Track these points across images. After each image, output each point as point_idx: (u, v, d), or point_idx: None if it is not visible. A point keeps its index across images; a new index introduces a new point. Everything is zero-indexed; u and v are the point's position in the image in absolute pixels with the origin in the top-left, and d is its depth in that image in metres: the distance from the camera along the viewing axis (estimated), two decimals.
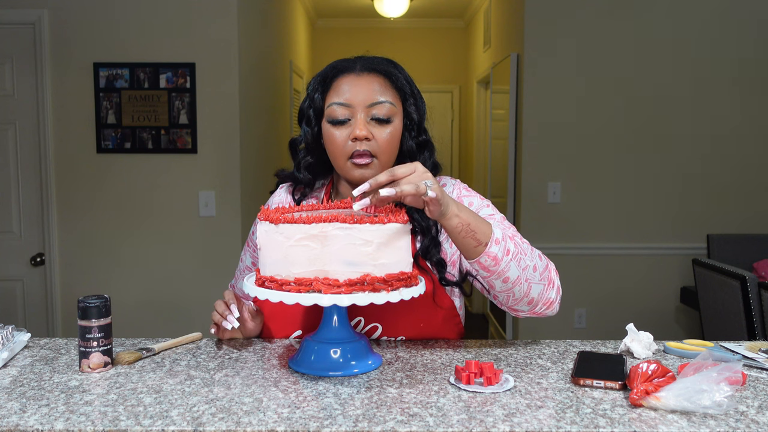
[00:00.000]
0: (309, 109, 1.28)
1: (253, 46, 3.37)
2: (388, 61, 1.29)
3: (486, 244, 1.08)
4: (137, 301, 3.05)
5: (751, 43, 3.76)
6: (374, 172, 1.22)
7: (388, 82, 1.25)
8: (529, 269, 1.14)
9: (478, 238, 1.08)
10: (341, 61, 1.29)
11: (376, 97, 1.22)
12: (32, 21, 2.95)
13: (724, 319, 2.85)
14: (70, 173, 3.03)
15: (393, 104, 1.24)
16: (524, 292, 1.15)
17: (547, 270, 1.18)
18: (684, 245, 3.82)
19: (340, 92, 1.23)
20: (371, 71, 1.25)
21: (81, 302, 1.08)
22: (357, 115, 1.22)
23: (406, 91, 1.27)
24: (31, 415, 0.90)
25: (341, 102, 1.22)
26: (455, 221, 1.07)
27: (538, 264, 1.16)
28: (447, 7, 5.99)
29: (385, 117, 1.22)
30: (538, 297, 1.17)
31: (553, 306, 1.20)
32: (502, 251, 1.10)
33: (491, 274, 1.12)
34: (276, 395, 0.97)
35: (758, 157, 3.81)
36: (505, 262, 1.10)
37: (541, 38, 3.78)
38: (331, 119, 1.23)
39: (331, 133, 1.24)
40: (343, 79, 1.24)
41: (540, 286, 1.16)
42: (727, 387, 0.90)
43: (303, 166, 1.33)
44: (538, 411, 0.91)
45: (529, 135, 3.81)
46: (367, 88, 1.22)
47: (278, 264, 1.01)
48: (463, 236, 1.08)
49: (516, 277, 1.13)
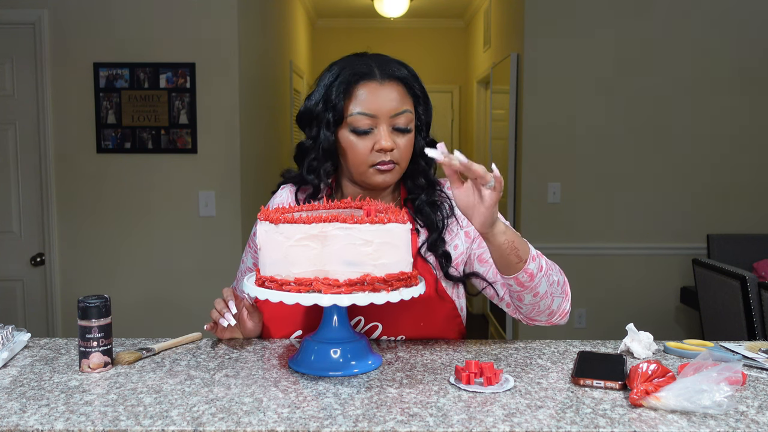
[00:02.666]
0: (327, 113, 1.25)
1: (253, 46, 3.37)
2: (401, 65, 1.28)
3: (526, 261, 1.12)
4: (137, 301, 3.05)
5: (751, 43, 3.76)
6: (395, 176, 1.26)
7: (405, 88, 1.25)
8: (555, 284, 1.19)
9: (520, 255, 1.12)
10: (356, 62, 1.26)
11: (398, 107, 1.23)
12: (32, 21, 2.95)
13: (724, 319, 2.85)
14: (70, 173, 3.03)
15: (411, 112, 1.26)
16: (548, 305, 1.20)
17: (566, 284, 1.23)
18: (684, 245, 3.82)
19: (363, 101, 1.22)
20: (391, 78, 1.24)
21: (81, 302, 1.08)
22: (380, 126, 1.22)
23: (419, 95, 1.28)
24: (31, 415, 0.90)
25: (364, 112, 1.22)
26: (502, 238, 1.10)
27: (560, 279, 1.21)
28: (447, 7, 5.99)
29: (404, 127, 1.24)
30: (557, 309, 1.22)
31: (566, 316, 1.25)
32: (537, 268, 1.14)
33: (525, 290, 1.16)
34: (276, 395, 0.97)
35: (758, 157, 3.81)
36: (538, 278, 1.15)
37: (541, 38, 3.78)
38: (354, 128, 1.23)
39: (354, 142, 1.23)
40: (364, 87, 1.23)
41: (560, 299, 1.21)
42: (727, 387, 0.90)
43: (323, 173, 1.28)
44: (538, 411, 0.91)
45: (529, 135, 3.81)
46: (389, 98, 1.23)
47: (278, 264, 1.01)
48: (507, 253, 1.11)
49: (545, 292, 1.17)
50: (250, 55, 3.29)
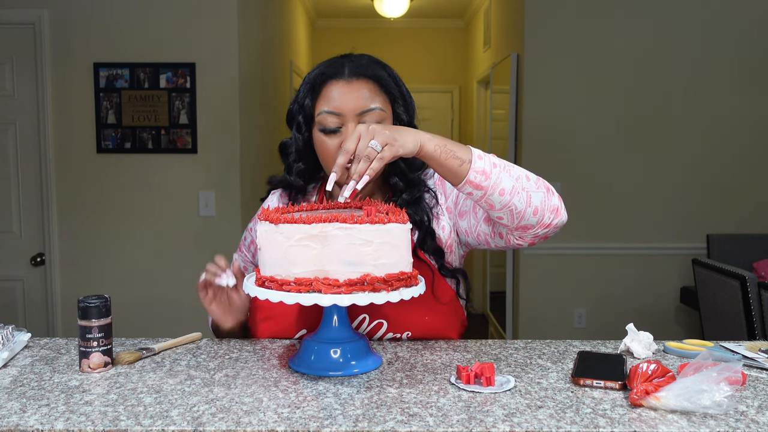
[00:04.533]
0: (299, 114, 1.28)
1: (253, 46, 3.37)
2: (375, 62, 1.28)
3: (469, 161, 1.09)
4: (137, 301, 3.05)
5: (751, 43, 3.76)
6: None
7: (377, 86, 1.24)
8: (522, 178, 1.12)
9: (460, 156, 1.08)
10: (329, 64, 1.27)
11: (366, 104, 1.22)
12: (32, 21, 2.96)
13: (724, 319, 2.85)
14: (70, 173, 3.03)
15: (383, 110, 1.24)
16: (525, 202, 1.12)
17: (540, 180, 1.16)
18: (684, 245, 3.82)
19: (329, 99, 1.23)
20: (360, 76, 1.24)
21: (81, 302, 1.08)
22: (348, 124, 1.22)
23: (395, 94, 1.27)
24: (31, 415, 0.90)
25: (331, 111, 1.22)
26: (431, 145, 1.08)
27: (529, 174, 1.15)
28: (447, 7, 5.99)
29: None
30: (541, 205, 1.13)
31: (560, 213, 1.16)
32: (489, 165, 1.10)
33: (485, 192, 1.10)
34: (276, 395, 0.97)
35: (758, 157, 3.81)
36: (495, 174, 1.10)
37: (541, 38, 3.78)
38: (321, 128, 1.24)
39: (323, 141, 1.24)
40: (332, 86, 1.23)
41: (539, 193, 1.13)
42: (727, 387, 0.90)
43: (295, 172, 1.32)
44: (538, 411, 0.91)
45: (529, 135, 3.81)
46: (357, 95, 1.22)
47: (278, 264, 1.01)
48: (444, 158, 1.08)
49: (511, 187, 1.10)
50: (250, 55, 3.29)
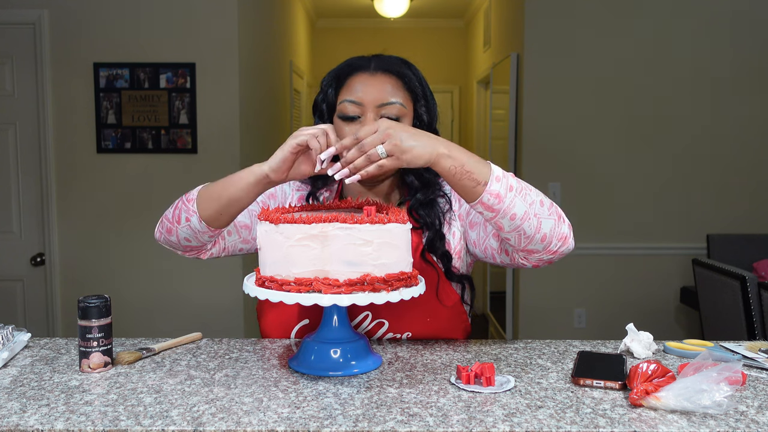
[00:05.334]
0: (322, 103, 1.30)
1: (253, 46, 3.37)
2: (402, 62, 1.30)
3: (485, 183, 1.07)
4: (137, 301, 3.05)
5: (751, 43, 3.76)
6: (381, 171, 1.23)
7: (400, 83, 1.26)
8: (536, 204, 1.11)
9: (476, 177, 1.06)
10: (357, 58, 1.30)
11: (387, 97, 1.23)
12: (32, 21, 2.96)
13: (724, 319, 2.85)
14: (70, 173, 3.03)
15: (403, 105, 1.24)
16: (535, 228, 1.11)
17: (554, 206, 1.14)
18: (684, 245, 3.82)
19: (352, 90, 1.24)
20: (384, 71, 1.25)
21: (81, 302, 1.08)
22: (367, 114, 1.23)
23: (418, 93, 1.28)
24: (31, 415, 0.90)
25: (352, 100, 1.23)
26: (447, 163, 1.06)
27: (544, 199, 1.13)
28: (447, 7, 5.99)
29: (395, 117, 1.23)
30: (550, 233, 1.12)
31: (568, 242, 1.15)
32: (505, 188, 1.08)
33: (496, 214, 1.09)
34: (276, 395, 0.97)
35: (758, 157, 3.81)
36: (509, 198, 1.08)
37: (541, 38, 3.78)
38: (341, 115, 1.25)
39: (341, 127, 1.25)
40: (356, 78, 1.25)
41: (550, 221, 1.12)
42: (727, 387, 0.90)
43: None
44: (538, 411, 0.91)
45: (529, 135, 3.81)
46: (379, 88, 1.23)
47: (278, 264, 1.01)
48: (458, 178, 1.07)
49: (523, 213, 1.09)
50: (250, 55, 3.29)
